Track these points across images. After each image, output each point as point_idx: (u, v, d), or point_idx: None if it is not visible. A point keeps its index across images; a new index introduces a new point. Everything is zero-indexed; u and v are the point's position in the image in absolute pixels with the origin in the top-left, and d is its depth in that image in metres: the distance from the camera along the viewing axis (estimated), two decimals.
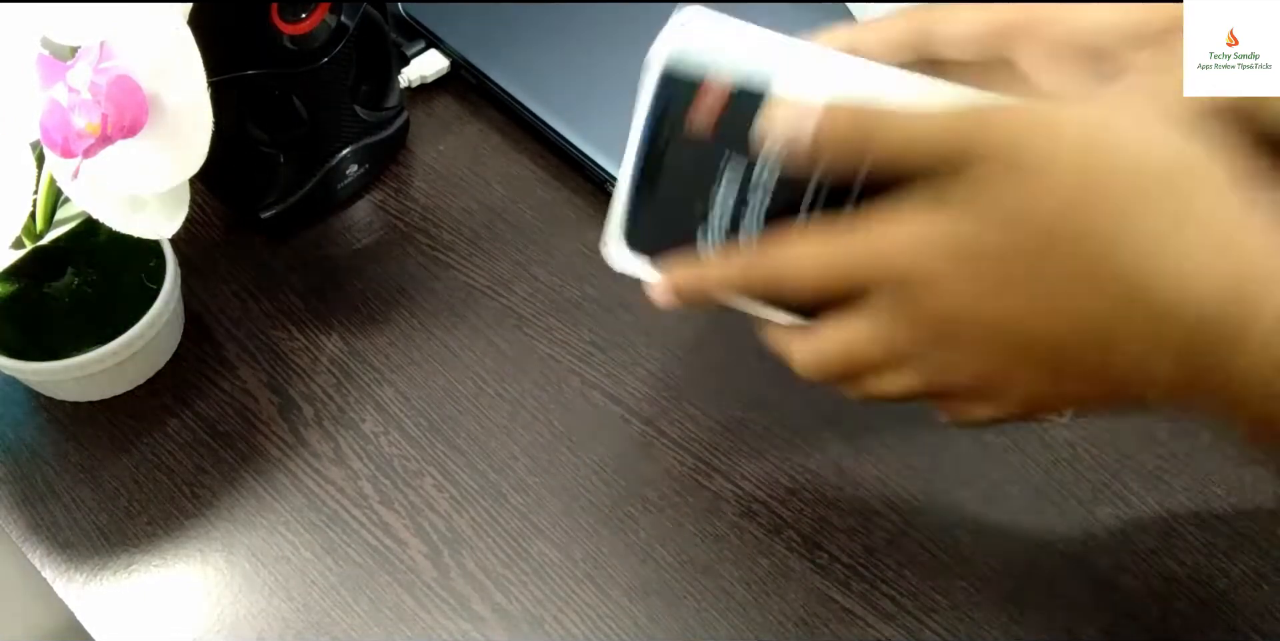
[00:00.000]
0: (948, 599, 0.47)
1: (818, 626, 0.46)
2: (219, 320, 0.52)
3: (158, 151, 0.35)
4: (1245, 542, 0.49)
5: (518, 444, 0.50)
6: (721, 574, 0.47)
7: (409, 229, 0.56)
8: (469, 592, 0.46)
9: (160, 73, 0.34)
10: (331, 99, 0.51)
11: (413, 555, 0.47)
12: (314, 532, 0.47)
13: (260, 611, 0.45)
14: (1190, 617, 0.47)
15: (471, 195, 0.57)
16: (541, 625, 0.45)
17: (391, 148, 0.56)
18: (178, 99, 0.35)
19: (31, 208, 0.37)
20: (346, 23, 0.48)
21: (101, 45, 0.33)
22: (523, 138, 0.58)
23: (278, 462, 0.49)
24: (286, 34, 0.45)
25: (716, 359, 0.52)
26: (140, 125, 0.34)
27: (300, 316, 0.53)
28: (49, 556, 0.46)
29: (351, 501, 0.48)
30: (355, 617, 0.45)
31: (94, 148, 0.34)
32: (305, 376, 0.51)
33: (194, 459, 0.48)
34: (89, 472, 0.48)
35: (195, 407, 0.50)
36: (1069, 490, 0.49)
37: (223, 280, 0.53)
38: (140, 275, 0.47)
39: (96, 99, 0.33)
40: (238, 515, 0.47)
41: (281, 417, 0.50)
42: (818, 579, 0.47)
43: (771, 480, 0.49)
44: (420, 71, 0.58)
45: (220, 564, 0.46)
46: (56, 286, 0.46)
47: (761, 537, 0.48)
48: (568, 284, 0.54)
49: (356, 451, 0.49)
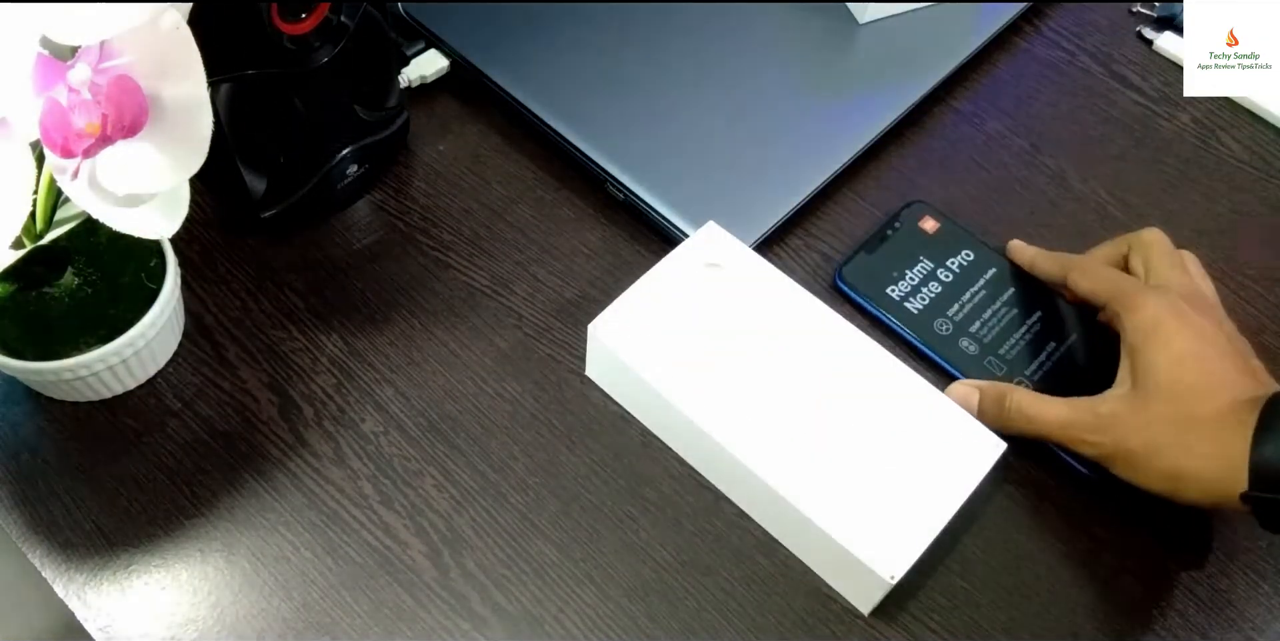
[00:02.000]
0: (948, 599, 0.47)
1: (818, 626, 0.46)
2: (219, 320, 0.52)
3: (158, 151, 0.35)
4: (1245, 543, 0.49)
5: (518, 444, 0.50)
6: (721, 574, 0.47)
7: (409, 229, 0.56)
8: (469, 592, 0.46)
9: (160, 73, 0.34)
10: (331, 99, 0.51)
11: (413, 555, 0.47)
12: (314, 532, 0.47)
13: (260, 611, 0.45)
14: (1190, 617, 0.47)
15: (471, 195, 0.57)
16: (541, 625, 0.45)
17: (391, 148, 0.56)
18: (178, 99, 0.35)
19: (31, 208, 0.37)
20: (346, 23, 0.47)
21: (101, 45, 0.33)
22: (523, 138, 0.58)
23: (278, 462, 0.49)
24: (286, 34, 0.45)
25: None
26: (140, 125, 0.34)
27: (300, 316, 0.53)
28: (49, 556, 0.46)
29: (351, 501, 0.48)
30: (355, 617, 0.45)
31: (94, 148, 0.34)
32: (305, 376, 0.51)
33: (194, 459, 0.48)
34: (89, 472, 0.48)
35: (195, 407, 0.50)
36: (1070, 490, 0.50)
37: (223, 280, 0.53)
38: (140, 275, 0.47)
39: (96, 99, 0.33)
40: (238, 515, 0.47)
41: (281, 417, 0.50)
42: (818, 578, 0.47)
43: None
44: (420, 71, 0.58)
45: (220, 564, 0.46)
46: (57, 286, 0.46)
47: (761, 538, 0.48)
48: (568, 284, 0.54)
49: (356, 451, 0.49)
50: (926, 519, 0.44)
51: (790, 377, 0.47)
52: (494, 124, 0.59)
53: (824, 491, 0.44)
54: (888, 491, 0.44)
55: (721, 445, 0.45)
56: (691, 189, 0.55)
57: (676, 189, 0.55)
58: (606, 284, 0.54)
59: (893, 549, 0.43)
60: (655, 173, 0.55)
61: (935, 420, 0.46)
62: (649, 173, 0.55)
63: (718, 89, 0.59)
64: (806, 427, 0.46)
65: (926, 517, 0.44)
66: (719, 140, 0.57)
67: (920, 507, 0.44)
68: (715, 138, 0.57)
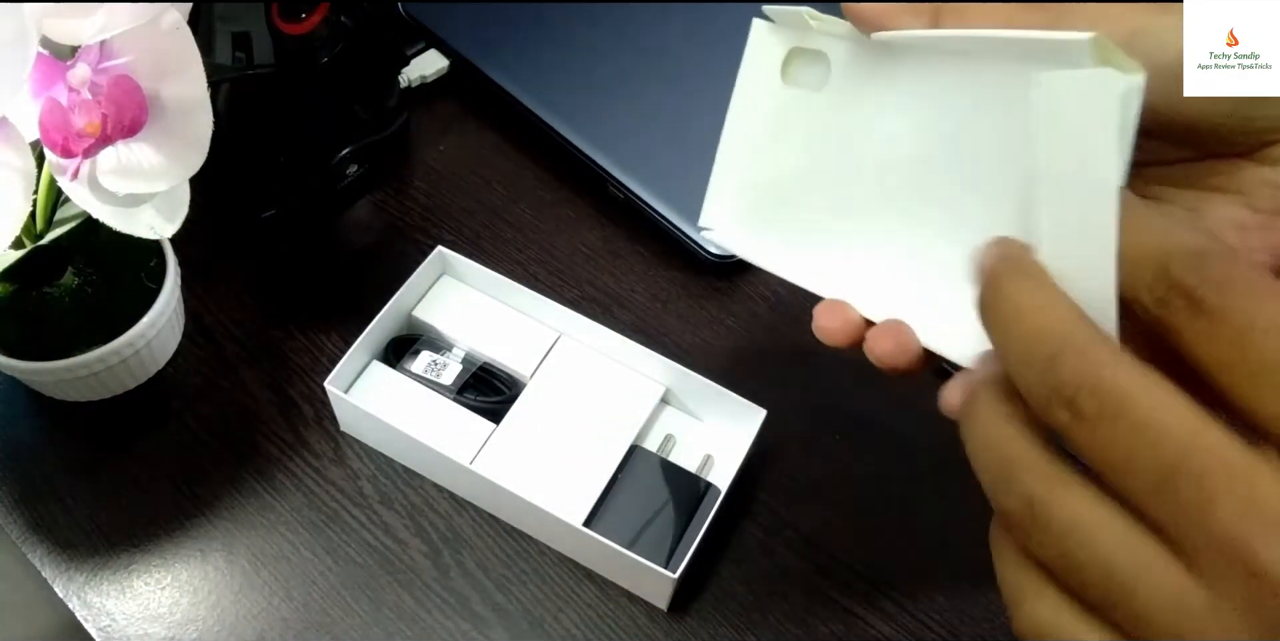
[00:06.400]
0: (948, 599, 0.47)
1: (818, 626, 0.46)
2: (219, 320, 0.52)
3: (158, 151, 0.35)
4: None
5: None
6: (721, 574, 0.47)
7: (409, 229, 0.56)
8: (469, 592, 0.46)
9: (160, 73, 0.34)
10: (331, 99, 0.51)
11: (413, 555, 0.47)
12: (314, 532, 0.47)
13: (260, 611, 0.45)
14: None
15: (471, 195, 0.57)
16: (541, 625, 0.45)
17: (391, 148, 0.56)
18: (178, 99, 0.35)
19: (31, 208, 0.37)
20: (346, 23, 0.47)
21: (101, 45, 0.33)
22: (523, 138, 0.58)
23: (278, 462, 0.49)
24: (286, 34, 0.45)
25: (715, 358, 0.52)
26: (140, 125, 0.34)
27: (300, 316, 0.53)
28: (49, 556, 0.46)
29: (351, 501, 0.48)
30: (355, 617, 0.45)
31: (94, 148, 0.34)
32: (305, 376, 0.51)
33: (194, 459, 0.48)
34: (89, 472, 0.48)
35: (195, 407, 0.50)
36: None
37: (223, 280, 0.53)
38: (140, 275, 0.47)
39: (96, 99, 0.33)
40: (238, 515, 0.47)
41: (281, 417, 0.50)
42: (818, 579, 0.47)
43: (772, 480, 0.49)
44: (420, 71, 0.58)
45: (220, 564, 0.46)
46: (56, 286, 0.46)
47: (761, 537, 0.48)
48: (568, 284, 0.54)
49: (356, 451, 0.49)
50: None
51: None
52: (494, 124, 0.59)
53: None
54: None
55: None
56: (691, 189, 0.55)
57: (676, 189, 0.55)
58: (606, 284, 0.54)
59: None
60: (655, 173, 0.55)
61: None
62: (649, 173, 0.55)
63: (718, 89, 0.59)
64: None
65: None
66: (719, 141, 0.57)
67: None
68: (716, 138, 0.57)
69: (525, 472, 0.46)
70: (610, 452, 0.47)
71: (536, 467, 0.46)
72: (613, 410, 0.48)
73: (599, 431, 0.47)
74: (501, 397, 0.48)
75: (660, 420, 0.50)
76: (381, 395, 0.48)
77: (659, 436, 0.49)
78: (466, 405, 0.48)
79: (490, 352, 0.49)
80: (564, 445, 0.47)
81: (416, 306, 0.50)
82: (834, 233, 0.35)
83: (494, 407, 0.48)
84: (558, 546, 0.47)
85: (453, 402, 0.48)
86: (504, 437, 0.47)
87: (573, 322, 0.49)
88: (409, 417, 0.46)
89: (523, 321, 0.50)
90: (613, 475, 0.46)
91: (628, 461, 0.47)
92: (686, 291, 0.55)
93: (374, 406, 0.46)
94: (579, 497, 0.45)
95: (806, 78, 0.35)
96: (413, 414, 0.47)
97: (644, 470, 0.47)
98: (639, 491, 0.46)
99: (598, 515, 0.45)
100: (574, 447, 0.47)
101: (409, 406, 0.48)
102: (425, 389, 0.48)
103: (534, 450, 0.47)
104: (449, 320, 0.50)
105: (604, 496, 0.46)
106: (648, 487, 0.46)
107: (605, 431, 0.47)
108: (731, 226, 0.39)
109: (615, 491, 0.46)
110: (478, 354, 0.50)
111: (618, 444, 0.47)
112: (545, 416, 0.48)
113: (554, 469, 0.46)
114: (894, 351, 0.32)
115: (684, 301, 0.54)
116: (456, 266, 0.50)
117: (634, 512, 0.46)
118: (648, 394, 0.49)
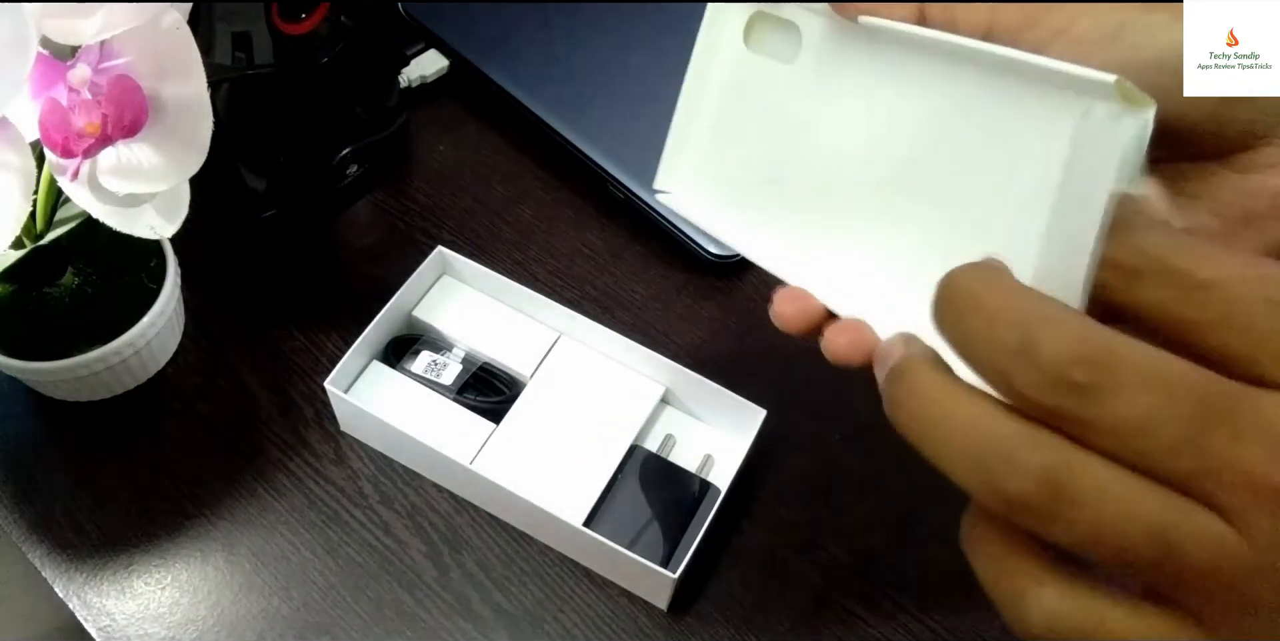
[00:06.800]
0: (948, 599, 0.47)
1: (818, 626, 0.46)
2: (219, 320, 0.52)
3: (158, 151, 0.35)
4: None
5: None
6: (721, 574, 0.47)
7: (409, 229, 0.56)
8: (469, 592, 0.46)
9: (160, 73, 0.34)
10: (331, 99, 0.51)
11: (413, 555, 0.47)
12: (314, 532, 0.47)
13: (260, 611, 0.45)
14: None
15: (471, 195, 0.57)
16: (541, 625, 0.45)
17: (391, 148, 0.56)
18: (178, 99, 0.35)
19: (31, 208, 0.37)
20: (346, 23, 0.47)
21: (101, 45, 0.33)
22: (523, 138, 0.58)
23: (278, 462, 0.49)
24: (286, 34, 0.45)
25: (715, 358, 0.52)
26: (140, 125, 0.34)
27: (300, 316, 0.52)
28: (49, 556, 0.46)
29: (351, 501, 0.48)
30: (355, 617, 0.45)
31: (94, 148, 0.34)
32: (305, 376, 0.51)
33: (194, 459, 0.48)
34: (89, 472, 0.48)
35: (195, 407, 0.50)
36: None
37: (223, 280, 0.53)
38: (140, 275, 0.47)
39: (96, 99, 0.33)
40: (238, 515, 0.47)
41: (281, 417, 0.50)
42: (818, 579, 0.47)
43: (772, 480, 0.49)
44: (420, 71, 0.58)
45: (220, 564, 0.46)
46: (57, 286, 0.46)
47: (762, 538, 0.48)
48: (568, 284, 0.54)
49: (356, 451, 0.49)
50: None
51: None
52: (494, 124, 0.59)
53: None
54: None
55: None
56: None
57: None
58: (606, 284, 0.54)
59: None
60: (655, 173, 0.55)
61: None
62: (649, 173, 0.55)
63: None
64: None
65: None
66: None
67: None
68: None
69: (525, 472, 0.46)
70: (610, 452, 0.47)
71: (536, 467, 0.46)
72: (612, 410, 0.48)
73: (599, 431, 0.47)
74: (501, 398, 0.49)
75: (660, 420, 0.50)
76: (381, 395, 0.48)
77: (659, 436, 0.49)
78: (466, 405, 0.48)
79: (490, 353, 0.49)
80: (564, 445, 0.47)
81: (416, 306, 0.50)
82: (800, 217, 0.33)
83: (494, 407, 0.48)
84: (558, 546, 0.47)
85: (453, 402, 0.48)
86: (504, 437, 0.47)
87: (573, 323, 0.49)
88: (409, 417, 0.46)
89: (523, 321, 0.50)
90: (613, 475, 0.46)
91: (628, 461, 0.47)
92: (686, 291, 0.55)
93: (374, 406, 0.46)
94: (579, 497, 0.45)
95: (775, 46, 0.34)
96: (413, 414, 0.47)
97: (644, 470, 0.47)
98: (639, 491, 0.46)
99: (598, 515, 0.45)
100: (574, 447, 0.47)
101: (409, 406, 0.48)
102: (425, 389, 0.48)
103: (534, 450, 0.47)
104: (449, 320, 0.50)
105: (604, 496, 0.46)
106: (648, 488, 0.46)
107: (605, 431, 0.47)
108: (691, 194, 0.37)
109: (615, 491, 0.46)
110: (478, 354, 0.50)
111: (617, 444, 0.47)
112: (545, 416, 0.48)
113: (554, 469, 0.46)
114: (849, 351, 0.31)
115: (684, 301, 0.54)
116: (456, 266, 0.50)
117: (634, 513, 0.46)
118: (647, 394, 0.49)
